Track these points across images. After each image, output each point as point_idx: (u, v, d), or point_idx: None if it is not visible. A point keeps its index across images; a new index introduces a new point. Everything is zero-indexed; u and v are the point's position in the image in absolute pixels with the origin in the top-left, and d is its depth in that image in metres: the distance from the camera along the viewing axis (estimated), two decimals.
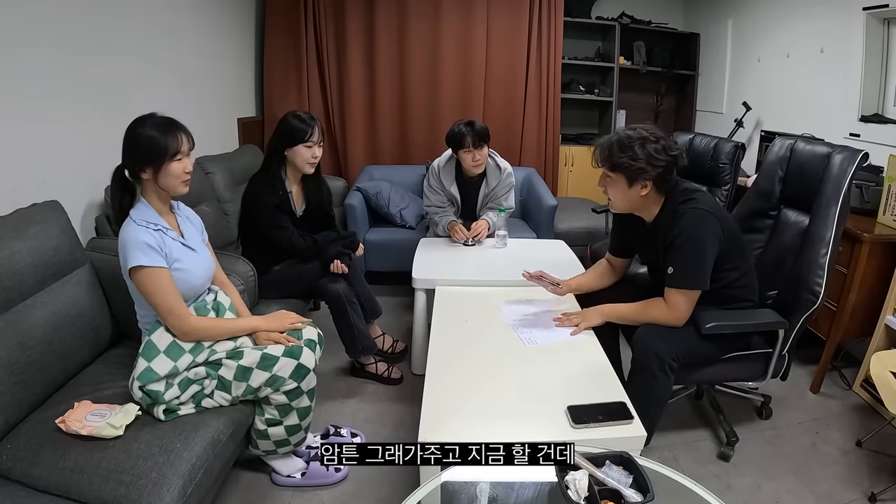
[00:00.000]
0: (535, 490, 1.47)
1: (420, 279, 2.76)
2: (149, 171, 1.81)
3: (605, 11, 5.33)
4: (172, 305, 1.80)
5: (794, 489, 2.24)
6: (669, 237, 2.06)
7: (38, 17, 2.19)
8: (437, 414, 1.67)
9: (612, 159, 2.03)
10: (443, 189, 3.39)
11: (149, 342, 1.80)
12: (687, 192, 2.09)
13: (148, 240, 1.76)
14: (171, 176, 1.83)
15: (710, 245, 2.02)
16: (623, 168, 2.01)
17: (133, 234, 1.76)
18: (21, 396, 1.72)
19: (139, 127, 1.81)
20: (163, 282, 1.78)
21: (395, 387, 2.87)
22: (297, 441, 2.11)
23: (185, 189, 1.89)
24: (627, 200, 2.11)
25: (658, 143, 1.99)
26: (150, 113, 1.86)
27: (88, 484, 1.51)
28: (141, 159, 1.80)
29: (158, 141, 1.78)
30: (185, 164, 1.86)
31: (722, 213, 2.11)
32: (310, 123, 2.61)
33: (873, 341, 2.75)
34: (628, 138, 2.00)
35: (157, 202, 1.89)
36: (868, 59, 3.35)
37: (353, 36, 4.47)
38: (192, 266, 1.90)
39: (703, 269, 2.04)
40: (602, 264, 2.53)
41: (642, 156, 1.97)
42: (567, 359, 2.02)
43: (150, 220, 1.83)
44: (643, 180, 2.02)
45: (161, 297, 1.78)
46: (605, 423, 1.63)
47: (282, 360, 1.87)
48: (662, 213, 2.12)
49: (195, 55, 3.48)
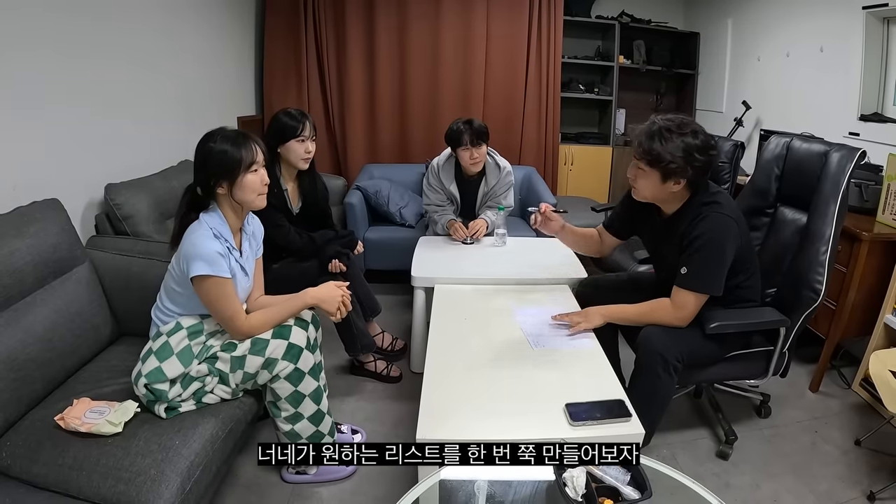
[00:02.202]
0: (533, 488, 1.48)
1: (419, 277, 2.77)
2: (224, 185, 1.81)
3: (605, 10, 5.33)
4: (236, 311, 1.83)
5: (794, 488, 2.23)
6: (689, 237, 2.03)
7: (38, 19, 2.20)
8: (435, 411, 1.67)
9: (651, 154, 1.95)
10: (442, 188, 3.39)
11: (166, 343, 1.80)
12: (711, 194, 2.06)
13: (218, 248, 1.77)
14: (248, 189, 1.84)
15: (729, 251, 2.01)
16: (661, 164, 1.95)
17: (203, 240, 1.76)
18: (21, 394, 1.73)
19: (210, 142, 1.81)
20: (227, 290, 1.80)
21: (394, 385, 2.87)
22: (330, 429, 2.09)
23: (262, 203, 1.90)
24: (655, 193, 2.07)
25: (697, 138, 1.94)
26: (220, 127, 1.86)
27: (87, 481, 1.51)
28: (216, 173, 1.80)
29: (233, 153, 1.79)
30: (261, 174, 1.87)
31: (741, 218, 2.08)
32: (300, 119, 2.61)
33: (872, 340, 2.76)
34: (668, 130, 1.93)
35: (232, 217, 1.90)
36: (868, 58, 3.35)
37: (353, 34, 4.48)
38: (238, 288, 1.90)
39: (719, 274, 2.02)
40: (591, 232, 2.50)
41: (681, 153, 1.92)
42: (566, 358, 2.02)
43: (223, 233, 1.84)
44: (678, 178, 1.99)
45: (224, 304, 1.81)
46: (603, 420, 1.63)
47: (272, 343, 1.86)
48: (684, 210, 2.10)
49: (195, 54, 3.48)
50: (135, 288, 2.20)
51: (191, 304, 1.87)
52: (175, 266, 1.85)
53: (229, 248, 1.85)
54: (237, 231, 1.96)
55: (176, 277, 1.85)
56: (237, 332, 1.85)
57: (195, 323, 1.88)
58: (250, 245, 2.04)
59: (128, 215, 2.49)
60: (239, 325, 1.84)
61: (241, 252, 1.97)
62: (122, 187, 2.52)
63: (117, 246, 2.32)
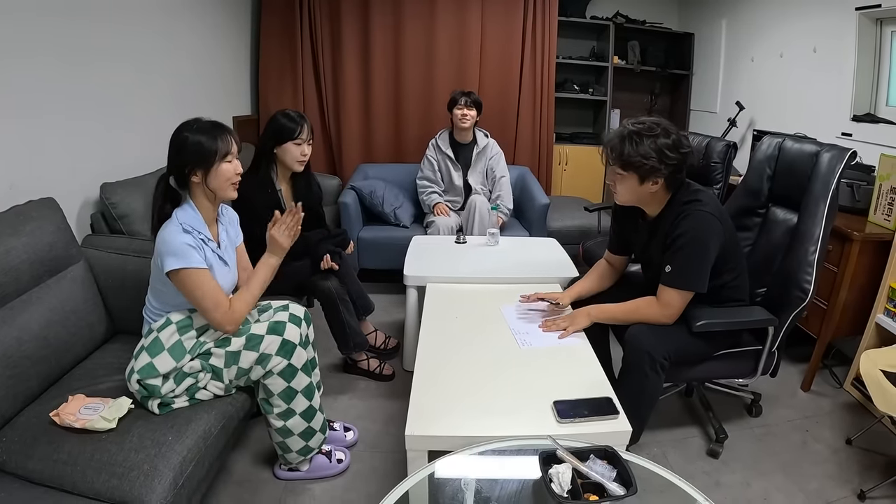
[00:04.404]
0: (519, 484, 1.49)
1: (411, 276, 2.78)
2: (199, 173, 1.83)
3: (600, 11, 5.35)
4: (218, 301, 1.83)
5: (784, 486, 2.24)
6: (672, 236, 2.04)
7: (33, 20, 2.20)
8: (425, 409, 1.69)
9: (623, 158, 1.98)
10: (439, 153, 3.93)
11: (156, 339, 1.81)
12: (692, 192, 2.08)
13: (188, 241, 1.78)
14: (222, 178, 1.86)
15: (711, 249, 2.02)
16: (635, 167, 1.97)
17: (172, 236, 1.77)
18: (16, 390, 1.74)
19: (186, 131, 1.83)
20: (204, 280, 1.81)
21: (386, 383, 2.89)
22: (322, 425, 2.10)
23: (233, 193, 1.92)
24: (636, 195, 2.09)
25: (669, 138, 1.96)
26: (195, 118, 1.87)
27: (82, 476, 1.53)
28: (191, 161, 1.82)
29: (209, 143, 1.81)
30: (235, 165, 1.89)
31: (724, 216, 2.09)
32: (298, 121, 2.62)
33: (864, 339, 2.78)
34: (638, 134, 1.96)
35: (207, 207, 1.92)
36: (861, 58, 3.36)
37: (348, 34, 4.49)
38: (221, 280, 1.90)
39: (702, 271, 2.04)
40: (601, 265, 2.50)
41: (654, 153, 1.94)
42: (555, 356, 2.03)
43: (195, 226, 1.85)
44: (654, 178, 2.00)
45: (203, 295, 1.81)
46: (590, 418, 1.64)
47: (267, 339, 1.87)
48: (666, 210, 2.11)
49: (190, 54, 3.49)
50: (130, 286, 2.21)
51: (175, 299, 1.88)
52: (153, 265, 1.87)
53: (204, 241, 1.86)
54: (213, 222, 1.97)
55: (156, 275, 1.87)
56: (223, 323, 1.84)
57: (184, 318, 1.88)
58: (228, 234, 2.06)
59: (123, 214, 2.50)
60: (222, 315, 1.83)
61: (219, 243, 1.98)
62: (117, 186, 2.53)
63: (112, 244, 2.34)
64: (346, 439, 2.39)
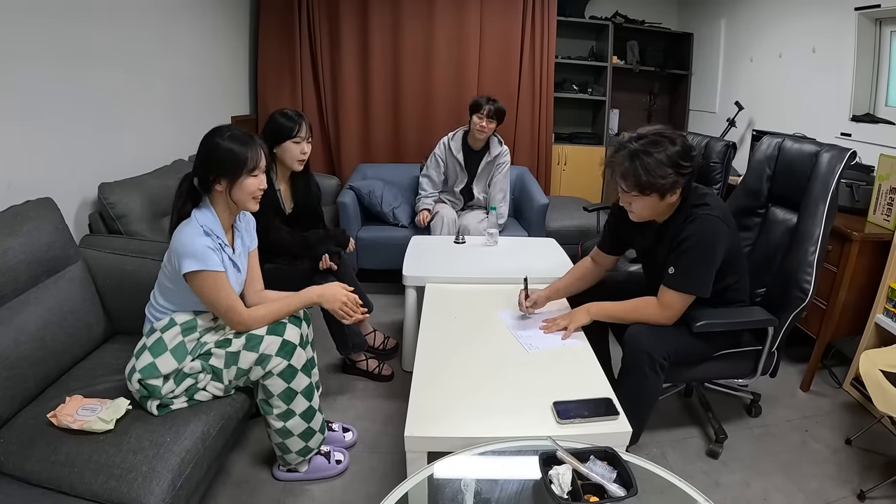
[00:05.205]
0: (519, 485, 1.49)
1: (410, 276, 2.78)
2: (224, 182, 1.82)
3: (599, 11, 5.35)
4: (232, 304, 1.83)
5: (783, 486, 2.24)
6: (678, 239, 2.02)
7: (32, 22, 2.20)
8: (424, 410, 1.68)
9: (641, 185, 1.92)
10: (449, 155, 3.83)
11: (160, 339, 1.80)
12: (700, 196, 2.06)
13: (207, 243, 1.78)
14: (246, 191, 1.85)
15: (718, 253, 2.01)
16: (657, 188, 1.92)
17: (192, 238, 1.76)
18: (14, 391, 1.73)
19: (217, 137, 1.82)
20: (221, 283, 1.81)
21: (385, 383, 2.88)
22: (321, 426, 2.10)
23: (255, 206, 1.92)
24: (656, 210, 2.05)
25: (676, 145, 1.91)
26: (227, 124, 1.86)
27: (80, 477, 1.52)
28: (218, 170, 1.81)
29: (239, 153, 1.80)
30: (260, 180, 1.88)
31: (730, 220, 2.08)
32: (297, 120, 2.62)
33: (863, 339, 2.78)
34: (646, 152, 1.90)
35: (225, 214, 1.91)
36: (860, 58, 3.36)
37: (347, 35, 4.48)
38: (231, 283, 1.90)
39: (707, 276, 2.03)
40: (584, 264, 2.46)
41: (670, 167, 1.89)
42: (555, 356, 2.03)
43: (213, 229, 1.84)
44: (674, 189, 1.97)
45: (220, 297, 1.81)
46: (590, 419, 1.63)
47: (267, 339, 1.87)
48: (675, 215, 2.09)
49: (189, 54, 3.49)
50: (128, 287, 2.20)
51: (183, 300, 1.87)
52: (167, 263, 1.86)
53: (221, 245, 1.86)
54: (229, 228, 1.97)
55: (168, 274, 1.86)
56: (237, 324, 1.86)
57: (189, 319, 1.88)
58: (242, 241, 2.05)
59: (121, 214, 2.49)
60: (237, 316, 1.84)
61: (234, 249, 1.98)
62: (115, 186, 2.52)
63: (110, 245, 2.33)
64: (345, 440, 2.38)
